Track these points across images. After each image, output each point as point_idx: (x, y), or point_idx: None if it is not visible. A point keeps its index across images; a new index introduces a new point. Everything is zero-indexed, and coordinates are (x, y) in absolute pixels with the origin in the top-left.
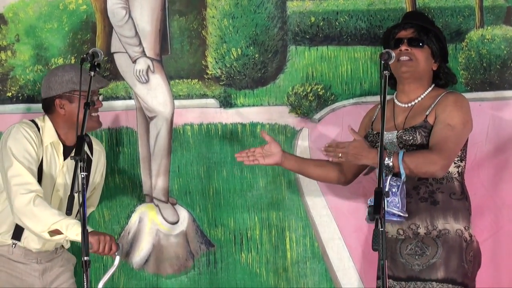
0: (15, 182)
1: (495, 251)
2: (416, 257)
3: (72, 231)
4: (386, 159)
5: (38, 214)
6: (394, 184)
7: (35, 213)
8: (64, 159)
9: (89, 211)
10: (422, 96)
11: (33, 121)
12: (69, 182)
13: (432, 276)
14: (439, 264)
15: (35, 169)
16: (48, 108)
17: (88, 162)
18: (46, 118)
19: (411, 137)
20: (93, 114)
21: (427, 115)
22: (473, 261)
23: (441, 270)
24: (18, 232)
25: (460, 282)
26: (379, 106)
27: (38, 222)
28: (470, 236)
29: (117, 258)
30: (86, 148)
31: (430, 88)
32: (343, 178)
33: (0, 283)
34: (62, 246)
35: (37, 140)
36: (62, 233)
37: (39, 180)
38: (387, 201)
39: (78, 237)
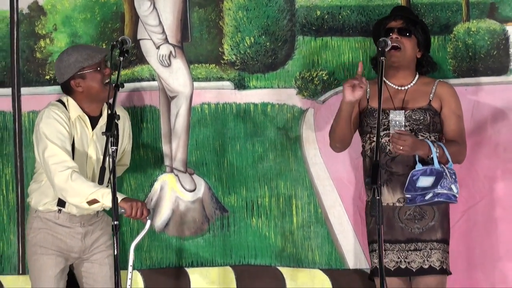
0: (52, 162)
1: (474, 220)
2: (416, 221)
3: (107, 198)
4: (433, 148)
5: (76, 187)
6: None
7: (74, 187)
8: (92, 129)
9: (123, 169)
10: (413, 82)
11: (59, 100)
12: (100, 149)
13: (433, 237)
14: (437, 226)
15: (69, 146)
16: (68, 90)
17: (116, 129)
18: (69, 97)
19: (421, 117)
20: (106, 82)
21: (431, 100)
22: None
23: (439, 232)
24: (62, 200)
25: (448, 242)
26: (368, 83)
27: (77, 195)
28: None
29: (148, 222)
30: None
31: (417, 75)
32: (348, 143)
33: (46, 243)
34: (104, 209)
35: (66, 119)
36: (99, 201)
37: (73, 153)
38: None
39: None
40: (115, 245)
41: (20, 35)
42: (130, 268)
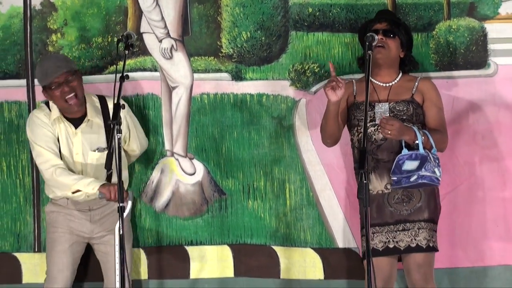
0: (39, 161)
1: (455, 202)
2: (404, 204)
3: (88, 187)
4: (418, 135)
5: (61, 181)
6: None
7: (58, 181)
8: (76, 128)
9: (135, 155)
10: (397, 79)
11: (47, 102)
12: (88, 144)
13: (420, 217)
14: (424, 207)
15: (54, 145)
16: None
17: (105, 120)
18: None
19: (405, 108)
20: (67, 97)
21: (413, 94)
22: (439, 203)
23: (426, 212)
24: None
25: (436, 221)
26: (354, 81)
27: (62, 187)
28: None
29: (129, 203)
30: (95, 113)
31: (400, 74)
32: (338, 138)
33: (57, 223)
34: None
35: (48, 120)
36: (81, 190)
37: (60, 150)
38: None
39: (94, 191)
40: (120, 225)
41: (33, 29)
42: (117, 248)
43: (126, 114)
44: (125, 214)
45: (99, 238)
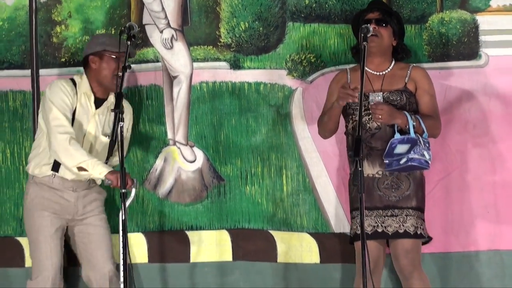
0: (54, 124)
1: (447, 189)
2: (393, 190)
3: (96, 170)
4: (409, 119)
5: (71, 151)
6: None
7: (69, 150)
8: (96, 108)
9: (115, 159)
10: (390, 68)
11: (71, 78)
12: (101, 129)
13: (408, 204)
14: (412, 195)
15: (70, 116)
16: (85, 64)
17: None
18: (84, 75)
19: (398, 98)
20: (116, 74)
21: (406, 83)
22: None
23: (414, 200)
24: (56, 165)
25: (423, 210)
26: (348, 70)
27: (70, 158)
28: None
29: (133, 190)
30: (113, 100)
31: (393, 62)
32: (336, 131)
33: (42, 207)
34: (94, 181)
35: (71, 92)
36: (87, 171)
37: (72, 124)
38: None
39: (100, 175)
40: (123, 211)
41: (38, 21)
42: (120, 232)
43: (130, 117)
44: (129, 201)
45: (81, 220)
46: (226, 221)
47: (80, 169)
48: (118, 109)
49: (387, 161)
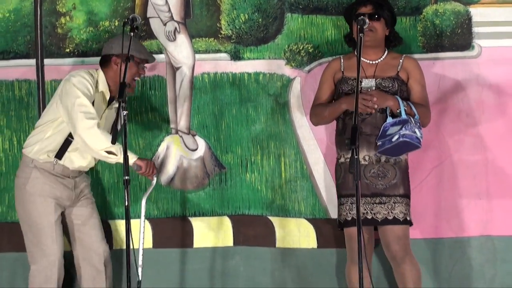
0: (81, 110)
1: (440, 176)
2: (379, 178)
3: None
4: (400, 102)
5: (101, 135)
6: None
7: (98, 135)
8: (106, 107)
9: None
10: (383, 57)
11: (89, 71)
12: (107, 126)
13: (396, 192)
14: (399, 183)
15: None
16: (105, 62)
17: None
18: (100, 71)
19: (390, 84)
20: (135, 78)
21: (398, 71)
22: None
23: (401, 188)
24: (61, 153)
25: (409, 197)
26: (341, 57)
27: (100, 141)
28: None
29: (155, 179)
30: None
31: (386, 51)
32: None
33: (44, 192)
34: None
35: (93, 85)
36: (116, 155)
37: None
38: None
39: (130, 161)
40: (126, 197)
41: (43, 12)
42: (142, 218)
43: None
44: (151, 189)
45: (75, 204)
46: (227, 208)
47: (109, 153)
48: (121, 98)
49: (380, 143)
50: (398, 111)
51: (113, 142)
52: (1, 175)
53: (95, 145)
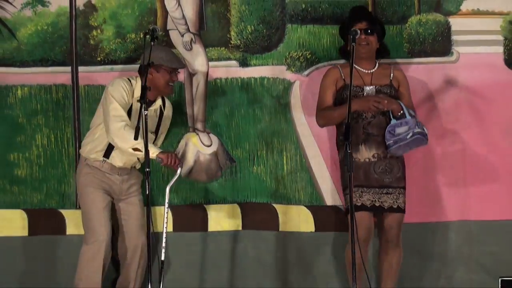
0: (114, 114)
1: (425, 167)
2: (386, 173)
3: (149, 150)
4: (402, 105)
5: (127, 136)
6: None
7: (125, 135)
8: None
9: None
10: (375, 67)
11: (128, 78)
12: (150, 126)
13: (400, 184)
14: (401, 177)
15: (126, 110)
16: (143, 71)
17: (160, 114)
18: (138, 78)
19: (388, 90)
20: (170, 83)
21: (391, 80)
22: None
23: (402, 181)
24: (108, 152)
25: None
26: (339, 66)
27: (126, 141)
28: None
29: (179, 169)
30: (161, 103)
31: (377, 63)
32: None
33: (94, 184)
34: (135, 166)
35: (130, 92)
36: (141, 151)
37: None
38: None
39: (153, 155)
40: (147, 186)
41: (77, 26)
42: (166, 205)
43: (170, 115)
44: (175, 179)
45: (124, 199)
46: (237, 196)
47: (136, 149)
48: (142, 100)
49: (390, 142)
50: (399, 113)
51: (135, 138)
52: (40, 167)
53: (121, 143)
